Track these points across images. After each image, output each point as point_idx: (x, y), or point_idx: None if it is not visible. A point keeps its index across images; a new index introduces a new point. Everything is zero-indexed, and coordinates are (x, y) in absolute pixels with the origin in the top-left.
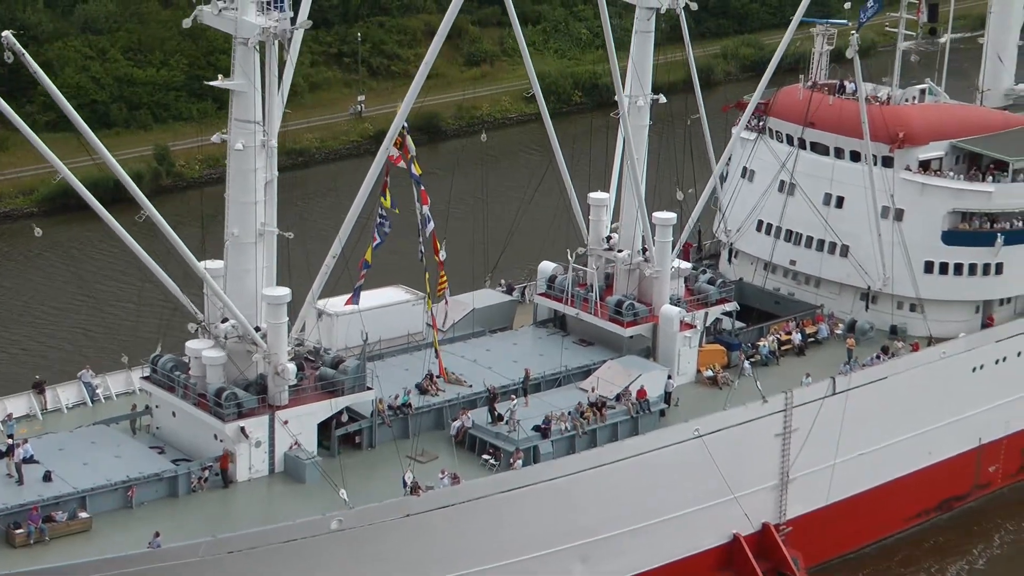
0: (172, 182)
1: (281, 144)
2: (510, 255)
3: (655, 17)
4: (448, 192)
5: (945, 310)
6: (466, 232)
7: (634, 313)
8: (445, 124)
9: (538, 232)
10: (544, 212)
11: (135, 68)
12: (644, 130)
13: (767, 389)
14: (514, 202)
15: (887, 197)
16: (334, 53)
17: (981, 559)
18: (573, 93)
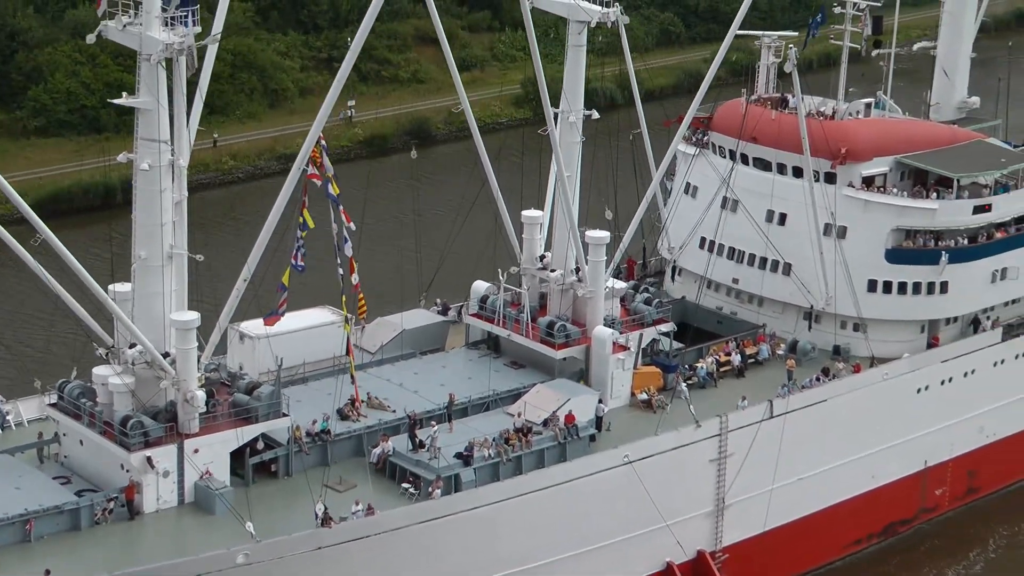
0: None
1: (271, 149)
2: (446, 273)
3: (587, 31)
4: (393, 207)
5: (889, 330)
6: (401, 250)
7: (566, 335)
8: (435, 129)
9: (476, 249)
10: (484, 228)
11: (125, 73)
12: (576, 147)
13: (704, 412)
14: (454, 217)
15: (829, 214)
16: (324, 58)
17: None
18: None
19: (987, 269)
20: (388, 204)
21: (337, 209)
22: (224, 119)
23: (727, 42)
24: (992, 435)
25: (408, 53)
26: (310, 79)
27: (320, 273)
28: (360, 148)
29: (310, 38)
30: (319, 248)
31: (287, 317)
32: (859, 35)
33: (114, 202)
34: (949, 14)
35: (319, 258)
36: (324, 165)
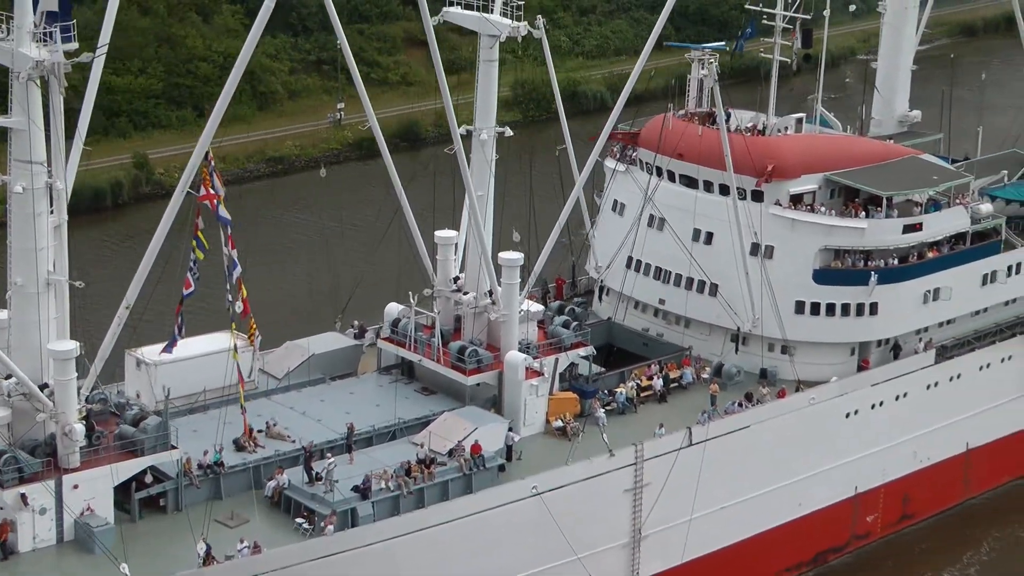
0: (152, 190)
1: (260, 152)
2: (367, 294)
3: (497, 46)
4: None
5: (818, 353)
6: (317, 269)
7: (477, 360)
8: (424, 132)
9: (397, 269)
10: (409, 247)
11: (113, 76)
12: (490, 165)
13: (622, 439)
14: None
15: (756, 233)
16: (313, 60)
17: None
18: (554, 101)
19: (918, 290)
20: (331, 215)
21: (227, 231)
22: None
23: (646, 52)
24: (926, 459)
25: (398, 55)
26: (299, 82)
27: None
28: (349, 151)
29: (299, 40)
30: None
31: (190, 342)
32: (790, 48)
33: (103, 205)
34: (889, 26)
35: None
36: (215, 186)
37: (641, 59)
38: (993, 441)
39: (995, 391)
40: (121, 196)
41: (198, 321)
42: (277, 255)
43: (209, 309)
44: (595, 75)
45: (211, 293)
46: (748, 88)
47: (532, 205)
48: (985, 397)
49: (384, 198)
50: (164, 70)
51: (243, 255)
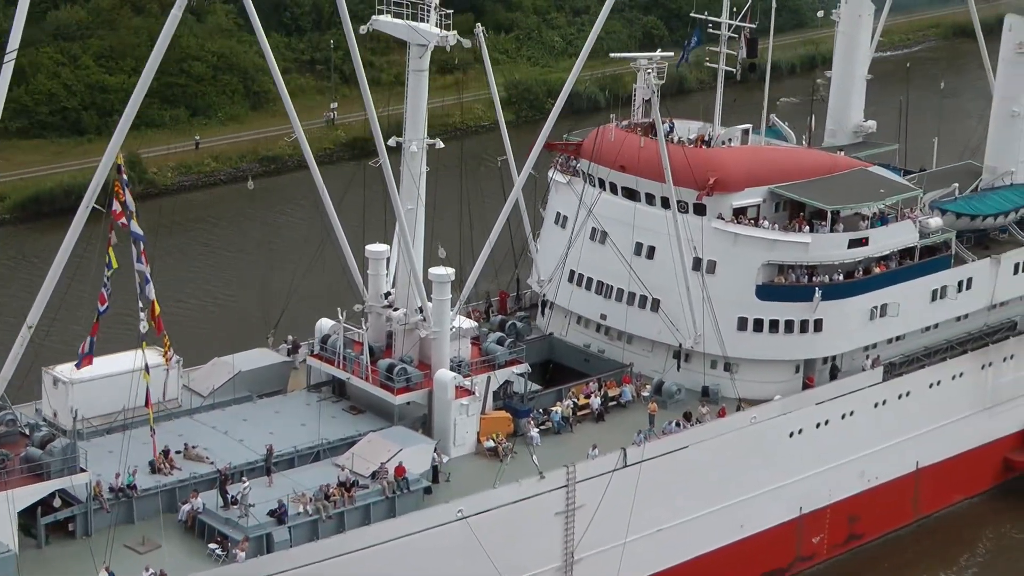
0: (144, 189)
1: (254, 151)
2: (300, 309)
3: (428, 55)
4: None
5: (761, 370)
6: (252, 283)
7: (406, 378)
8: None
9: (333, 283)
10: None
11: (106, 75)
12: (421, 178)
13: (556, 460)
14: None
15: (698, 248)
16: (307, 60)
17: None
18: (546, 101)
19: (864, 306)
20: (279, 226)
21: (139, 246)
22: (206, 121)
23: (581, 58)
24: (874, 479)
25: (390, 55)
26: (293, 81)
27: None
28: (342, 150)
29: (293, 40)
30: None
31: (111, 359)
32: (735, 58)
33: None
34: (843, 35)
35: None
36: (126, 201)
37: (577, 65)
38: (944, 460)
39: (946, 409)
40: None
41: (128, 337)
42: (215, 266)
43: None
44: (588, 75)
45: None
46: (706, 96)
47: (468, 217)
48: (936, 415)
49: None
50: (157, 69)
51: (177, 267)
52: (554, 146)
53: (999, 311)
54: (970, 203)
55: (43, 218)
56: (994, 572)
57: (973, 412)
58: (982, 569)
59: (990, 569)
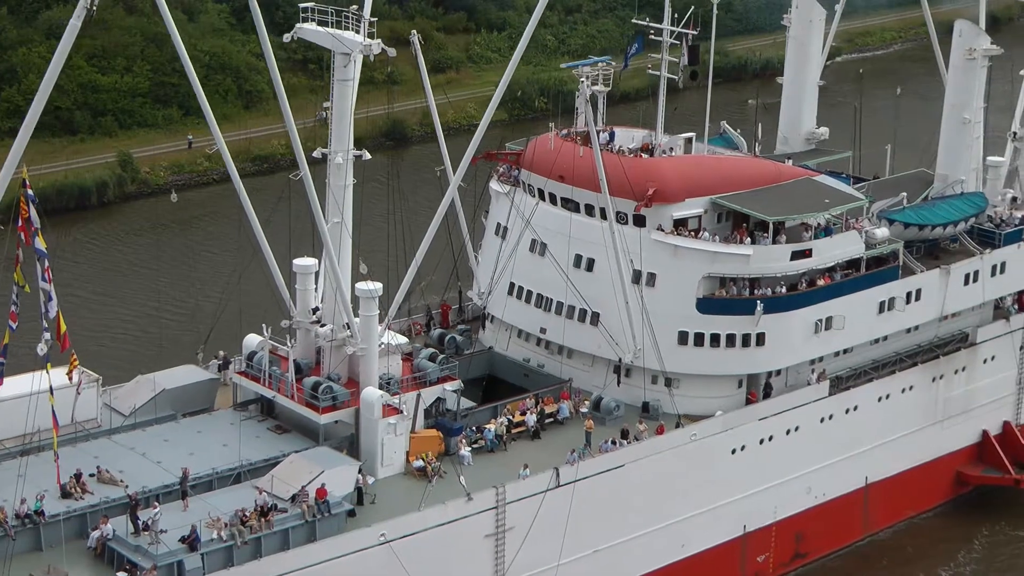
0: (137, 189)
1: (246, 150)
2: (231, 324)
3: (354, 65)
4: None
5: (703, 385)
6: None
7: (332, 397)
8: (410, 131)
9: (265, 297)
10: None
11: (99, 74)
12: (347, 190)
13: (487, 480)
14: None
15: (637, 260)
16: (299, 59)
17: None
18: (538, 99)
19: (809, 319)
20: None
21: (43, 264)
22: (199, 120)
23: (514, 62)
24: (821, 496)
25: (381, 54)
26: (285, 81)
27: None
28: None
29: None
30: (74, 303)
31: (26, 378)
32: (678, 65)
33: (88, 203)
34: (794, 40)
35: (73, 315)
36: (30, 216)
37: (509, 69)
38: (894, 475)
39: (896, 423)
40: (106, 195)
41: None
42: (144, 279)
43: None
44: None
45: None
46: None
47: (403, 229)
48: (885, 429)
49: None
50: (150, 69)
51: (107, 281)
52: (493, 155)
53: (950, 322)
54: (919, 213)
55: None
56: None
57: (924, 426)
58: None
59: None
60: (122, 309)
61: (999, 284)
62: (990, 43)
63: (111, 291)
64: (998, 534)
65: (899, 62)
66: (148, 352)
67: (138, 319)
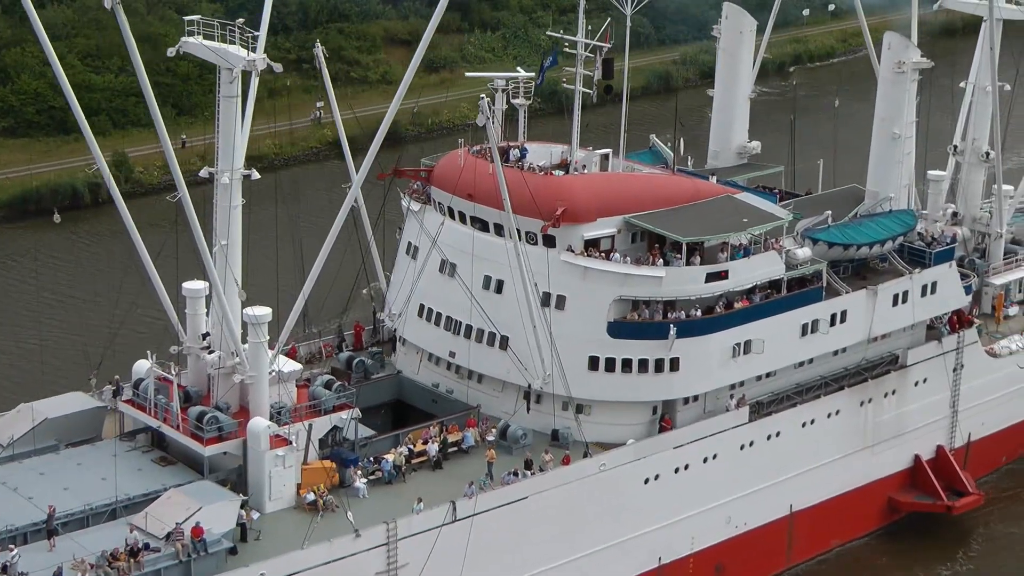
0: (131, 188)
1: None
2: (128, 347)
3: (240, 81)
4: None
5: (615, 412)
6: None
7: (218, 427)
8: (403, 130)
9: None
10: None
11: (93, 74)
12: (236, 211)
13: (382, 514)
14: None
15: (547, 282)
16: (293, 59)
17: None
18: (533, 99)
19: (726, 343)
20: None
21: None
22: (192, 120)
23: (413, 65)
24: (742, 525)
25: (377, 54)
26: (278, 80)
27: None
28: (328, 149)
29: (279, 39)
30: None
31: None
32: (591, 79)
33: (82, 203)
34: (724, 52)
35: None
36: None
37: (406, 79)
38: (821, 503)
39: (822, 449)
40: (99, 195)
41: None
42: (47, 302)
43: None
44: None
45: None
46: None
47: (298, 245)
48: (810, 456)
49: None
50: (145, 68)
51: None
52: (403, 172)
53: (880, 344)
54: (844, 231)
55: (29, 217)
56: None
57: (852, 451)
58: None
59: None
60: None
61: (930, 305)
62: (920, 56)
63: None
64: (931, 562)
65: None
66: (36, 380)
67: (26, 344)
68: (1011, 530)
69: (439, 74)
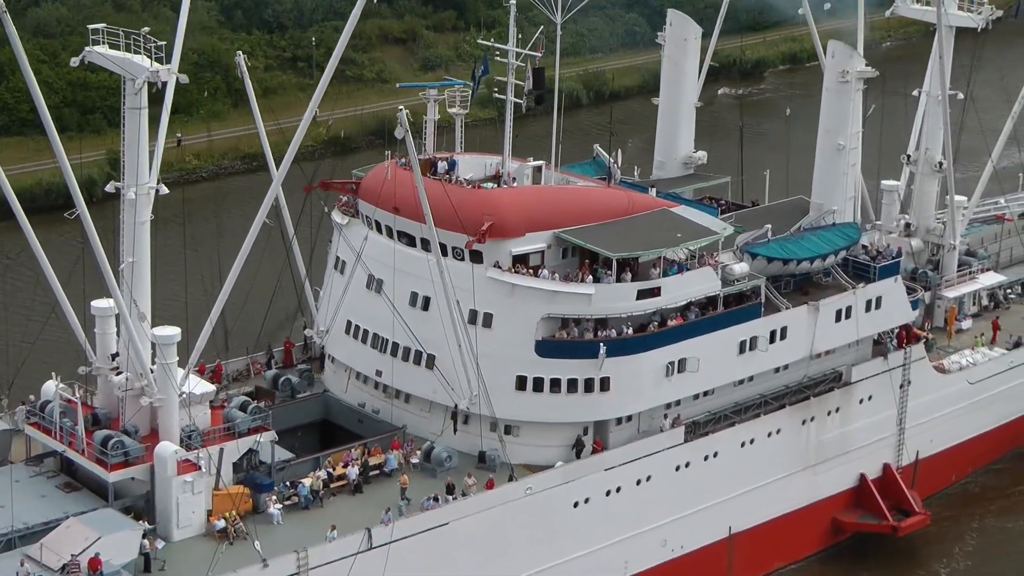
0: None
1: (235, 148)
2: (42, 366)
3: (145, 91)
4: None
5: (543, 434)
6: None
7: (124, 452)
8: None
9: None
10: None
11: (88, 72)
12: (144, 227)
13: (298, 541)
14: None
15: (474, 299)
16: (288, 57)
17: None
18: (527, 99)
19: (659, 362)
20: None
21: None
22: (188, 119)
23: (329, 72)
24: (679, 548)
25: (373, 53)
26: (274, 79)
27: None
28: (323, 148)
29: (274, 37)
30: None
31: None
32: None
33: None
34: (668, 60)
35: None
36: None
37: (318, 92)
38: (761, 524)
39: (762, 469)
40: (95, 193)
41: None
42: None
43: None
44: (570, 72)
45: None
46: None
47: (219, 262)
48: (750, 476)
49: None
50: None
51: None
52: (330, 185)
53: (823, 361)
54: (784, 246)
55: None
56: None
57: (794, 471)
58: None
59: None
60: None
61: (875, 320)
62: (864, 65)
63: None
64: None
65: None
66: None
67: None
68: (957, 550)
69: (435, 73)
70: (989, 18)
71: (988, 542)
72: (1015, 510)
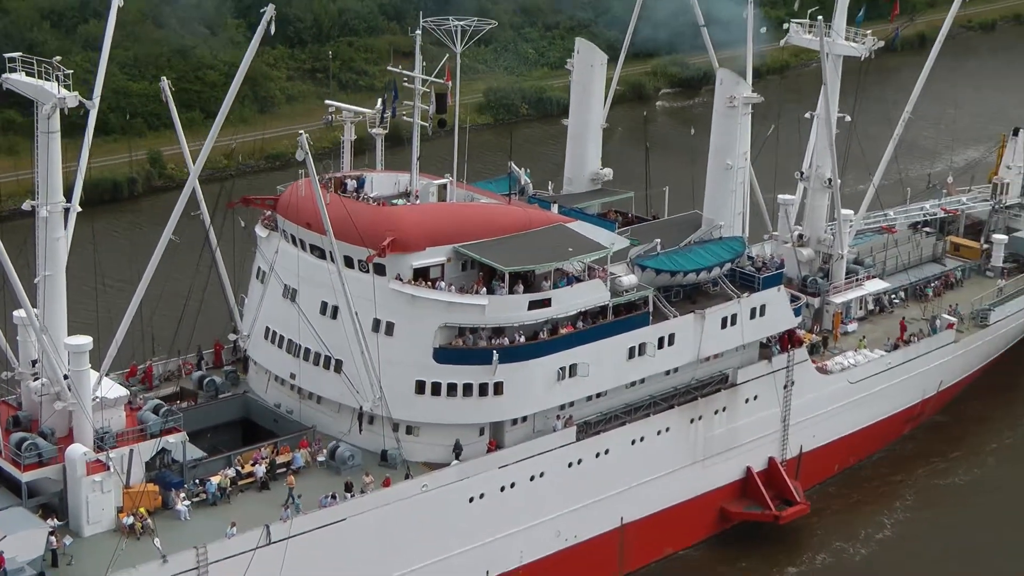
0: (163, 183)
1: (261, 149)
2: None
3: (59, 116)
4: None
5: (442, 434)
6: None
7: (38, 453)
8: (405, 134)
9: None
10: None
11: (131, 81)
12: (59, 242)
13: (204, 536)
14: None
15: (377, 308)
16: (308, 69)
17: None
18: (521, 106)
19: (550, 367)
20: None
21: None
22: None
23: (230, 97)
24: (572, 538)
25: (384, 65)
26: (295, 87)
27: None
28: (338, 149)
29: (295, 51)
30: None
31: None
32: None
33: (120, 196)
34: (577, 84)
35: None
36: None
37: (222, 111)
38: (652, 514)
39: (652, 464)
40: (136, 189)
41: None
42: None
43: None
44: (558, 83)
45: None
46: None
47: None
48: (640, 471)
49: None
50: (176, 76)
51: None
52: (250, 200)
53: (712, 364)
54: (672, 259)
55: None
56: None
57: (683, 465)
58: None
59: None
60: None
61: (759, 326)
62: (751, 91)
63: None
64: (759, 568)
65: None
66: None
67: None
68: (834, 536)
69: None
70: (872, 48)
71: (864, 527)
72: (892, 495)
